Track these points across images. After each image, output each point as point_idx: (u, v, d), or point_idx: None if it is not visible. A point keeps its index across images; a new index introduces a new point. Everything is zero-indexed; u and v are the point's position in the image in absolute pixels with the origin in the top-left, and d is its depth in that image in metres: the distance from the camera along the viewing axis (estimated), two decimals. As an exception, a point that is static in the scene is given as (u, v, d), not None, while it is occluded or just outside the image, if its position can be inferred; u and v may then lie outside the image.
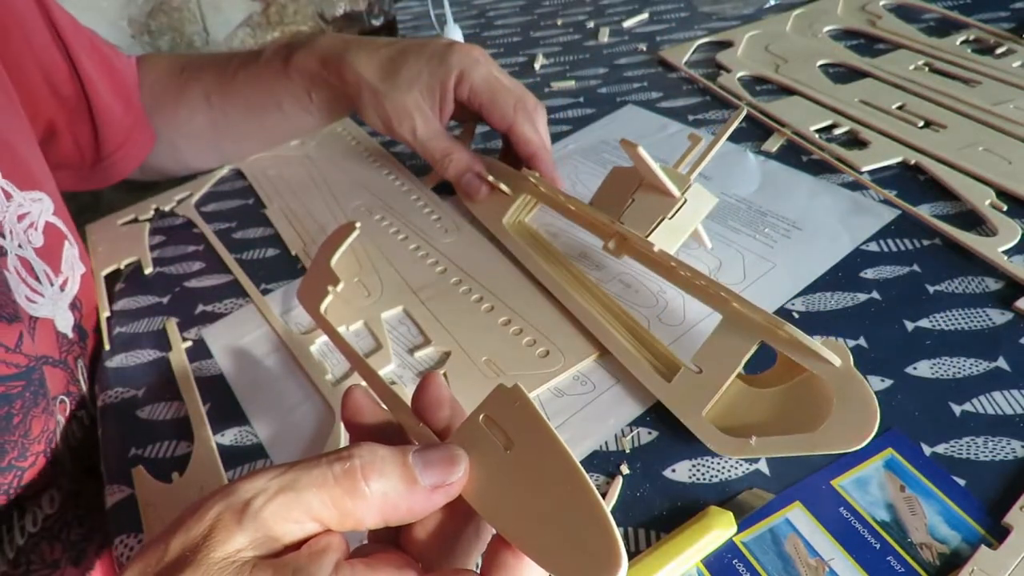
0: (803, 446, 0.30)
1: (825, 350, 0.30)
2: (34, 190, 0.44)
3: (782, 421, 0.31)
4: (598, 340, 0.39)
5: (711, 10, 0.73)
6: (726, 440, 0.32)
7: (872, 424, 0.29)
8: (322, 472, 0.21)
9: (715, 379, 0.33)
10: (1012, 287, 0.37)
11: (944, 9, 0.64)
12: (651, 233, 0.38)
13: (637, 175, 0.40)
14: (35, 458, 0.39)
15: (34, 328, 0.40)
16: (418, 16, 0.88)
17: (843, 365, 0.30)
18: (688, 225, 0.39)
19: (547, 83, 0.66)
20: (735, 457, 0.33)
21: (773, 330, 0.32)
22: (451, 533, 0.24)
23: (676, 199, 0.38)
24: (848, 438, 0.29)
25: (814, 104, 0.55)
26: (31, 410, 0.38)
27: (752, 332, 0.33)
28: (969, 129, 0.49)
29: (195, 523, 0.20)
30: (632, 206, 0.40)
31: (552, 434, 0.22)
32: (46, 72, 0.49)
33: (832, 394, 0.30)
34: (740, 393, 0.33)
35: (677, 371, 0.35)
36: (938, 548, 0.28)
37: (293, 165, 0.61)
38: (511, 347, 0.40)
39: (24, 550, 0.39)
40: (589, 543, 0.20)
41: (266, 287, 0.49)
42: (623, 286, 0.42)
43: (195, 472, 0.37)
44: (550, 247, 0.46)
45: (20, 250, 0.41)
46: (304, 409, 0.40)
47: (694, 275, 0.36)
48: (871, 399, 0.29)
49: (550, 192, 0.45)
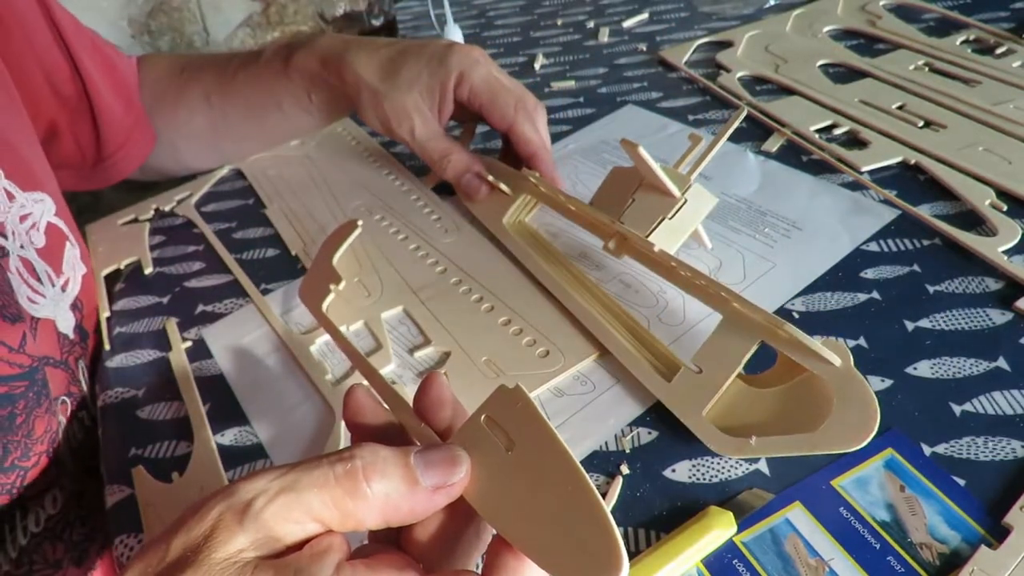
0: (803, 446, 0.30)
1: (825, 350, 0.30)
2: (36, 191, 0.44)
3: (782, 421, 0.31)
4: (598, 340, 0.39)
5: (711, 10, 0.73)
6: (726, 440, 0.32)
7: (872, 424, 0.29)
8: (323, 473, 0.21)
9: (715, 379, 0.33)
10: (1012, 287, 0.37)
11: (944, 9, 0.64)
12: (651, 233, 0.38)
13: (637, 175, 0.40)
14: (38, 458, 0.39)
15: (36, 329, 0.40)
16: (418, 16, 0.88)
17: (843, 365, 0.30)
18: (688, 225, 0.39)
19: (547, 83, 0.66)
20: (735, 457, 0.33)
21: (773, 330, 0.32)
22: (452, 534, 0.24)
23: (676, 199, 0.38)
24: (848, 438, 0.29)
25: (814, 104, 0.55)
26: (34, 410, 0.38)
27: (752, 332, 0.33)
28: (969, 129, 0.49)
29: (196, 523, 0.20)
30: (632, 206, 0.40)
31: (553, 435, 0.22)
32: (47, 72, 0.49)
33: (832, 394, 0.30)
34: (740, 393, 0.33)
35: (677, 371, 0.35)
36: (938, 548, 0.28)
37: (293, 165, 0.61)
38: (511, 347, 0.40)
39: (27, 550, 0.39)
40: (590, 544, 0.20)
41: (266, 287, 0.49)
42: (623, 286, 0.42)
43: (195, 472, 0.37)
44: (550, 247, 0.46)
45: (22, 251, 0.41)
46: (304, 409, 0.40)
47: (694, 275, 0.36)
48: (871, 399, 0.29)
49: (550, 192, 0.45)
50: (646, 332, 0.39)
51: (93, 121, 0.52)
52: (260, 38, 0.91)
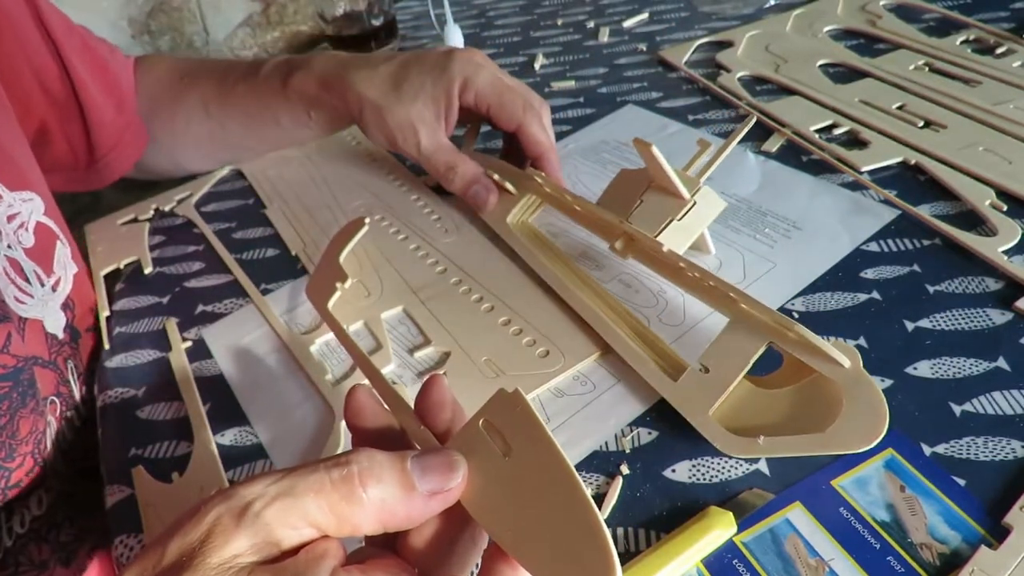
0: (812, 446, 0.30)
1: (835, 351, 0.30)
2: (24, 190, 0.44)
3: (790, 422, 0.31)
4: (601, 339, 0.39)
5: (711, 10, 0.73)
6: (734, 440, 0.32)
7: (882, 425, 0.29)
8: (320, 478, 0.21)
9: (722, 379, 0.33)
10: (1012, 287, 0.37)
11: (944, 9, 0.64)
12: (660, 233, 0.38)
13: (645, 177, 0.40)
14: (23, 459, 0.39)
15: (24, 329, 0.40)
16: (418, 16, 0.88)
17: (852, 366, 0.30)
18: (696, 227, 0.39)
19: (547, 83, 0.66)
20: (743, 457, 0.32)
21: (782, 331, 0.32)
22: (447, 539, 0.24)
23: (685, 201, 0.38)
24: (858, 439, 0.29)
25: (814, 104, 0.55)
26: (19, 411, 0.38)
27: (761, 333, 0.33)
28: (969, 129, 0.49)
29: (193, 527, 0.20)
30: (640, 207, 0.40)
31: (549, 440, 0.22)
32: (36, 71, 0.49)
33: (841, 395, 0.30)
34: (747, 394, 0.33)
35: (681, 370, 0.35)
36: (938, 548, 0.28)
37: (293, 165, 0.61)
38: (511, 347, 0.40)
39: (12, 551, 0.39)
40: (584, 556, 0.20)
41: (266, 287, 0.49)
42: (623, 286, 0.42)
43: (195, 472, 0.37)
44: (553, 246, 0.46)
45: (9, 251, 0.41)
46: (304, 409, 0.40)
47: (703, 276, 0.36)
48: (881, 400, 0.29)
49: (555, 192, 0.45)
50: (649, 331, 0.39)
51: (83, 121, 0.52)
52: (260, 38, 0.91)
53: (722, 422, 0.33)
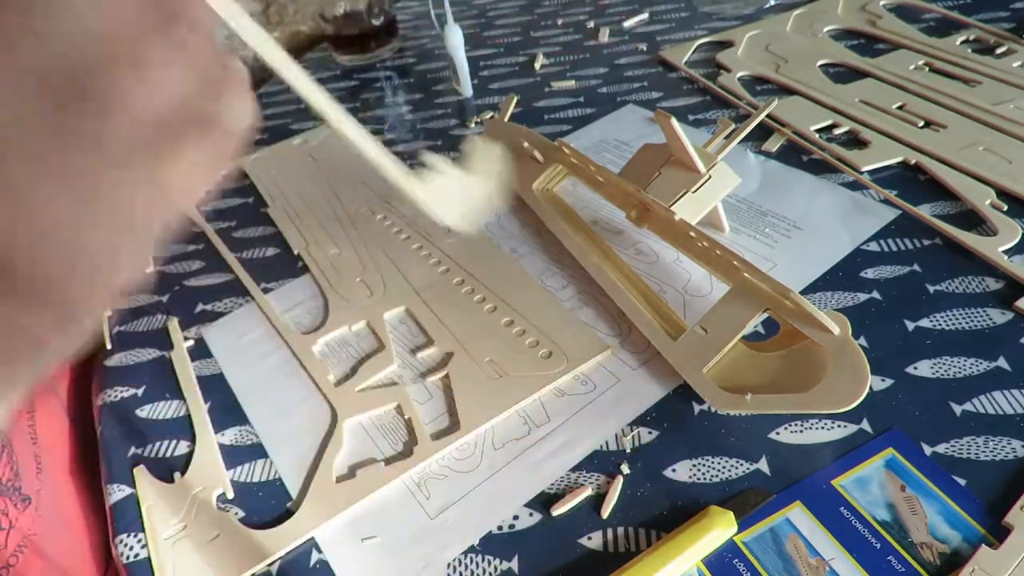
0: (795, 405, 0.31)
1: (827, 319, 0.32)
2: None
3: (779, 383, 0.33)
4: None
5: (711, 10, 0.73)
6: (722, 395, 0.33)
7: (862, 389, 0.30)
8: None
9: (720, 340, 0.35)
10: (1012, 287, 0.37)
11: (944, 9, 0.64)
12: (674, 203, 0.40)
13: (665, 151, 0.42)
14: None
15: None
16: (418, 16, 0.88)
17: (841, 334, 0.32)
18: (710, 200, 0.41)
19: (547, 83, 0.66)
20: (730, 412, 0.34)
21: (779, 299, 0.33)
22: None
23: (701, 174, 0.40)
24: (838, 400, 0.30)
25: (814, 104, 0.55)
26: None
27: (760, 300, 0.34)
28: (969, 129, 0.49)
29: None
30: (658, 179, 0.41)
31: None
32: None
33: (829, 360, 0.31)
34: (742, 356, 0.35)
35: (682, 332, 0.37)
36: (938, 548, 0.28)
37: (295, 164, 0.61)
38: (514, 348, 0.40)
39: None
40: None
41: (267, 286, 0.49)
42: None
43: (197, 472, 0.37)
44: (573, 214, 0.48)
45: None
46: (304, 409, 0.40)
47: (711, 245, 0.38)
48: (864, 367, 0.30)
49: (580, 162, 0.47)
50: (657, 297, 0.40)
51: None
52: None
53: (715, 380, 0.34)
